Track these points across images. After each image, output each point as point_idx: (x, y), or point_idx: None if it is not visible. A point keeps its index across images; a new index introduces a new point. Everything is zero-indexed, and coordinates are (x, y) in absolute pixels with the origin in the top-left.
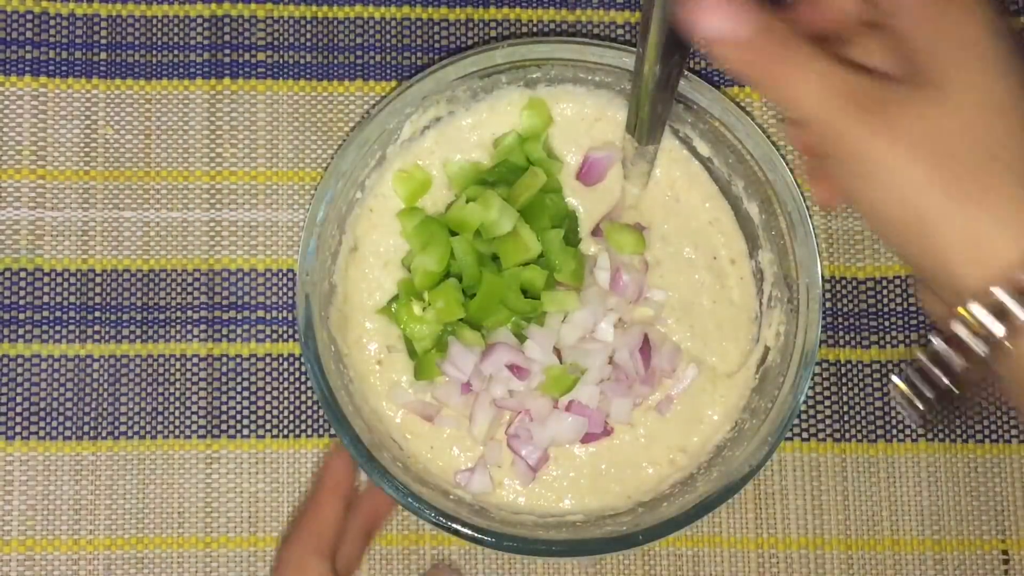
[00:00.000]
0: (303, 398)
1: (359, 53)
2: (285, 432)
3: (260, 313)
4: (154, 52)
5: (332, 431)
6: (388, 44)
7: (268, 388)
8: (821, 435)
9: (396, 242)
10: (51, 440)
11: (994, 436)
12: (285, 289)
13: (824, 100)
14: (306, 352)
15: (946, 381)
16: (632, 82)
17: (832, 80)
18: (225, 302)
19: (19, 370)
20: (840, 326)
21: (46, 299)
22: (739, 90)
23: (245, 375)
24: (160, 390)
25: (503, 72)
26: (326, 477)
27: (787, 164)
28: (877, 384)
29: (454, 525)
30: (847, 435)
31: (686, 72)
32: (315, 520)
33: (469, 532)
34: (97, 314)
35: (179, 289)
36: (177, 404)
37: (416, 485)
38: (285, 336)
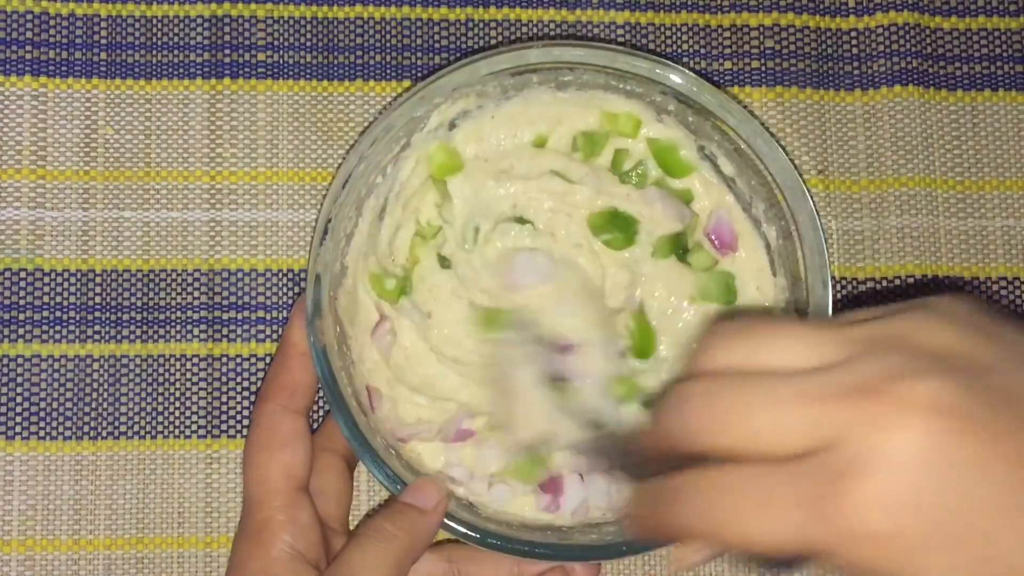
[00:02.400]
0: None
1: (359, 53)
2: None
3: (260, 313)
4: (154, 52)
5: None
6: (388, 44)
7: None
8: None
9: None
10: (51, 440)
11: None
12: (285, 289)
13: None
14: (311, 331)
15: None
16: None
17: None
18: (225, 302)
19: (19, 370)
20: None
21: (46, 299)
22: (739, 89)
23: (245, 375)
24: (160, 390)
25: (535, 72)
26: (291, 335)
27: (810, 194)
28: None
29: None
30: None
31: (715, 87)
32: (285, 375)
33: (453, 525)
34: (97, 314)
35: (179, 289)
36: (177, 404)
37: (407, 473)
38: None
